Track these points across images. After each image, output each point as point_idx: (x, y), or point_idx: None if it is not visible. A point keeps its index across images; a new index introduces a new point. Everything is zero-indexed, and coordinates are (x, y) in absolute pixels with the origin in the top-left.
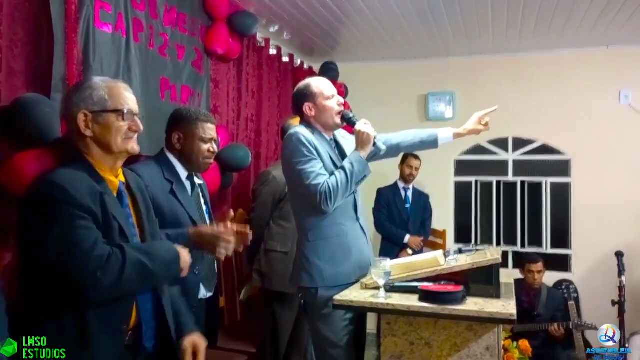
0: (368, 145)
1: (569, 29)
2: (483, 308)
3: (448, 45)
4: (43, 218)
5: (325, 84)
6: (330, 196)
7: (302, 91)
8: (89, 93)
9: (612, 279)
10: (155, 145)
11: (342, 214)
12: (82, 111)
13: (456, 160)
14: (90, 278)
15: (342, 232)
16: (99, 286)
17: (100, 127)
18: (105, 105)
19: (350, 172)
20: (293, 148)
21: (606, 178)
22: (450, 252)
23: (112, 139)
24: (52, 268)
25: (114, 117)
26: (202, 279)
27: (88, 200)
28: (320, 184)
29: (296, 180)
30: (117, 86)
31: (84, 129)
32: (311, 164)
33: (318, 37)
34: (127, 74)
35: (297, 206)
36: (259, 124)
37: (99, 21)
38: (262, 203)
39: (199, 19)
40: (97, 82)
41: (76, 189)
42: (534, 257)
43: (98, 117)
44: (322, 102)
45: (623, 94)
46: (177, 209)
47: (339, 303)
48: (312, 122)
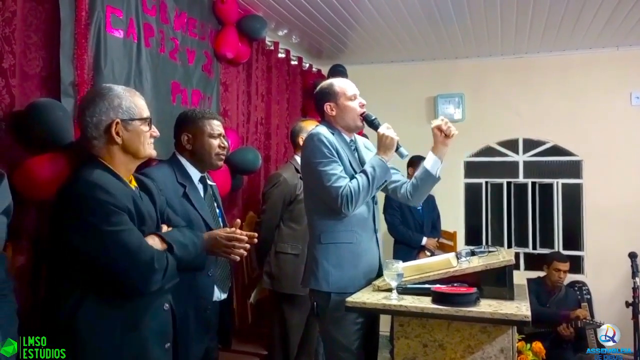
0: (391, 150)
1: (578, 31)
2: (497, 310)
3: (457, 47)
4: (88, 217)
5: (348, 84)
6: (352, 200)
7: (324, 90)
8: (118, 102)
9: (625, 280)
10: (166, 149)
11: (359, 222)
12: (115, 120)
13: (466, 161)
14: (142, 275)
15: (356, 240)
16: (149, 283)
17: (130, 134)
18: (134, 113)
19: (372, 177)
20: (314, 148)
21: (618, 179)
22: (462, 253)
23: (140, 145)
24: (98, 266)
25: (141, 124)
26: (217, 281)
27: (125, 200)
28: (342, 187)
29: (316, 180)
30: (137, 95)
31: (116, 137)
32: (332, 166)
33: (326, 40)
34: (138, 78)
35: (313, 206)
36: (269, 126)
37: (110, 26)
38: (273, 205)
39: (209, 23)
40: (120, 90)
41: (115, 189)
42: (563, 256)
43: (128, 125)
44: (344, 102)
45: (634, 95)
46: (190, 212)
47: (352, 305)
48: (332, 122)
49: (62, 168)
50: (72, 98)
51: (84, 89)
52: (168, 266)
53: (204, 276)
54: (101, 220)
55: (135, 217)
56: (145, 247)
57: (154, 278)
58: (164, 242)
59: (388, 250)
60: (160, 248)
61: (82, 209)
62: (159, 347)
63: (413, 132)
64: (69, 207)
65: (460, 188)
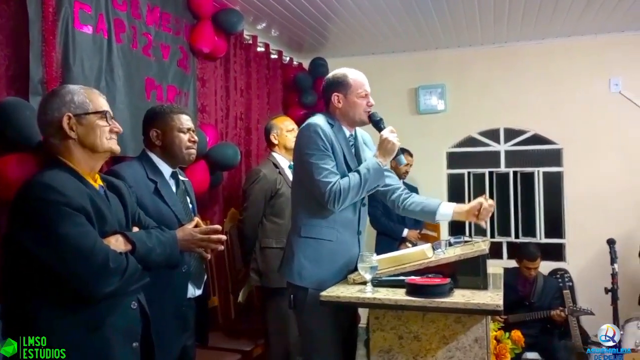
0: (390, 155)
1: (556, 18)
2: (470, 300)
3: (437, 37)
4: (39, 220)
5: (363, 79)
6: (340, 197)
7: (337, 80)
8: (70, 97)
9: (606, 266)
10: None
11: (343, 221)
12: (66, 114)
13: (448, 152)
14: (94, 278)
15: (336, 239)
16: (103, 286)
17: (85, 128)
18: (88, 108)
19: (365, 178)
20: (308, 139)
21: (598, 166)
22: (439, 244)
23: (97, 139)
24: (51, 269)
25: (97, 118)
26: (191, 277)
27: (81, 199)
28: (331, 182)
29: (306, 172)
30: (94, 92)
31: (69, 131)
32: (324, 161)
33: (306, 33)
34: (110, 75)
35: (299, 198)
36: (249, 122)
37: (79, 22)
38: (254, 201)
39: (183, 17)
40: (74, 87)
41: (69, 189)
42: (533, 254)
43: (81, 119)
44: (354, 97)
45: (613, 81)
46: (161, 209)
47: (326, 299)
48: (336, 114)
49: (30, 168)
50: (41, 96)
51: (53, 87)
52: (128, 267)
53: (178, 273)
54: (52, 222)
55: (94, 217)
56: (98, 248)
57: (109, 280)
58: (127, 241)
59: (371, 243)
60: (123, 248)
61: (33, 211)
62: (125, 346)
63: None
64: (21, 211)
65: (443, 179)
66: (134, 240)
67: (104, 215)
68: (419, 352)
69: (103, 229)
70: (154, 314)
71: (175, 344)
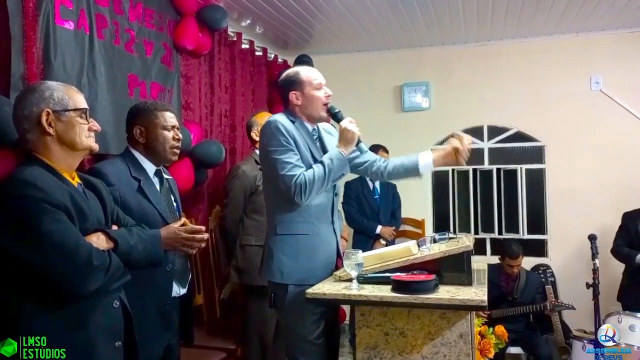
0: (351, 144)
1: (538, 17)
2: (455, 295)
3: (421, 35)
4: (18, 217)
5: (314, 72)
6: (305, 189)
7: (290, 78)
8: (49, 93)
9: (587, 262)
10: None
11: (316, 213)
12: (45, 110)
13: (433, 150)
14: (78, 276)
15: (312, 232)
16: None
17: (64, 125)
18: (67, 104)
19: (329, 168)
20: (270, 136)
21: (579, 163)
22: (424, 241)
23: (76, 136)
24: (33, 267)
25: (76, 115)
26: (175, 276)
27: (60, 196)
28: (295, 175)
29: (271, 169)
30: (72, 89)
31: (47, 127)
32: (287, 155)
33: (291, 30)
34: (92, 71)
35: (270, 196)
36: (233, 119)
37: (60, 18)
38: (234, 198)
39: (167, 14)
40: (53, 83)
41: (49, 186)
42: (515, 252)
43: (61, 115)
44: (310, 91)
45: (594, 80)
46: (145, 207)
47: (312, 296)
48: (296, 112)
49: (9, 165)
50: None
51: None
52: (111, 264)
53: (162, 271)
54: (33, 220)
55: (75, 214)
56: (82, 246)
57: (93, 277)
58: (109, 238)
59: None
60: (105, 245)
61: (13, 208)
62: (108, 345)
63: (379, 121)
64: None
65: (428, 176)
66: (115, 238)
67: (84, 213)
68: (405, 348)
69: (84, 226)
70: (138, 312)
71: (158, 342)
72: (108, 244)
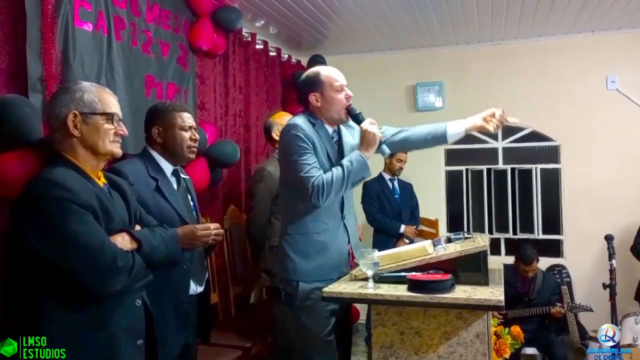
0: (373, 146)
1: (553, 17)
2: (471, 295)
3: (435, 35)
4: (46, 217)
5: (336, 73)
6: (323, 191)
7: (311, 79)
8: (80, 95)
9: (603, 262)
10: (141, 144)
11: (326, 211)
12: (72, 111)
13: (446, 149)
14: (103, 276)
15: (322, 230)
16: (111, 284)
17: (89, 128)
18: (96, 108)
19: (348, 171)
20: (289, 139)
21: (595, 163)
22: (439, 241)
23: (99, 141)
24: (58, 267)
25: (103, 120)
26: (192, 274)
27: (88, 197)
28: (314, 177)
29: (290, 171)
30: (105, 91)
31: (73, 129)
32: (306, 157)
33: (304, 30)
34: (110, 72)
35: (286, 197)
36: (248, 119)
37: (79, 20)
38: (260, 200)
39: (183, 15)
40: (86, 85)
41: (76, 187)
42: (529, 258)
43: (87, 118)
44: (330, 93)
45: (610, 79)
46: (163, 206)
47: (328, 295)
48: (316, 113)
49: (30, 165)
50: (40, 94)
51: (52, 84)
52: (134, 265)
53: (179, 270)
54: (60, 220)
55: (101, 215)
56: (107, 247)
57: (117, 278)
58: (133, 239)
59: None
60: (129, 246)
61: (40, 209)
62: (130, 344)
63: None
64: (27, 208)
65: (442, 176)
66: (139, 239)
67: (110, 213)
68: (421, 348)
69: (109, 226)
70: (157, 311)
71: (177, 340)
72: (132, 245)
